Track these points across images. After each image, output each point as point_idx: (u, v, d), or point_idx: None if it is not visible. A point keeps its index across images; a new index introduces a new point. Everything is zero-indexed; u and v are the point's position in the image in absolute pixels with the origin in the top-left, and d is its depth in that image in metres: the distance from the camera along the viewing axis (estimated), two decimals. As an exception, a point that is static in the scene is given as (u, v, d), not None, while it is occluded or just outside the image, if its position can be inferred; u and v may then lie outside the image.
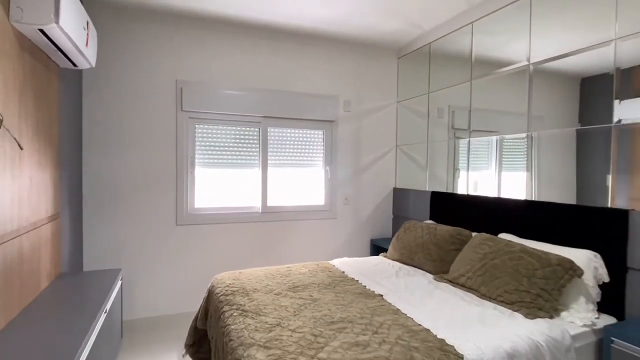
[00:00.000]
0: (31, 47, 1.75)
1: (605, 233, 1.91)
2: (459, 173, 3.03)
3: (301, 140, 3.47)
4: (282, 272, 2.36)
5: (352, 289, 2.10)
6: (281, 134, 3.38)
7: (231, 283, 2.13)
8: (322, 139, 3.54)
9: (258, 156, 3.30)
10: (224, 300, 1.92)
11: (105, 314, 1.88)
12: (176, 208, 3.02)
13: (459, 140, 3.01)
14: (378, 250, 3.62)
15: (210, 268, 3.12)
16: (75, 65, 2.12)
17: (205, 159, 3.13)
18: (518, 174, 2.52)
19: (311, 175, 3.53)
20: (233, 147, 3.22)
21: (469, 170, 2.92)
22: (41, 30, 1.59)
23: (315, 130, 3.51)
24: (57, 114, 2.17)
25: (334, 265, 2.59)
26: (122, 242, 2.87)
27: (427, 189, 3.35)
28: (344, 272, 2.42)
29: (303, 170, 3.49)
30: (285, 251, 3.40)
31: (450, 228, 2.58)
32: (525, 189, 2.46)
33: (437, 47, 3.22)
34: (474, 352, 1.42)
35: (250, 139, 3.27)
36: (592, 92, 2.06)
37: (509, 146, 2.61)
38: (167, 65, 2.96)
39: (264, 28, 3.21)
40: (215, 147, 3.16)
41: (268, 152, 3.32)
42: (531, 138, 2.40)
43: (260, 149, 3.30)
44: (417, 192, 3.45)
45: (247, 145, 3.27)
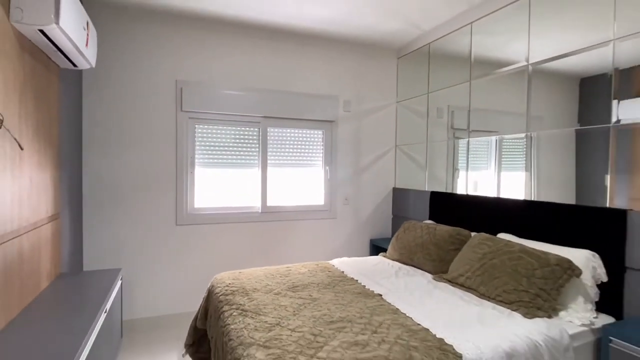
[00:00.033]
0: (31, 48, 1.75)
1: (603, 233, 1.91)
2: (458, 173, 3.03)
3: (301, 140, 3.47)
4: (282, 272, 2.36)
5: (352, 288, 2.10)
6: (281, 134, 3.39)
7: (231, 283, 2.13)
8: (321, 139, 3.55)
9: (258, 156, 3.30)
10: (223, 300, 1.93)
11: (105, 313, 1.89)
12: (176, 208, 3.02)
13: (458, 140, 3.02)
14: (378, 250, 3.63)
15: (210, 268, 3.13)
16: (75, 66, 2.12)
17: (205, 159, 3.13)
18: (517, 174, 2.53)
19: (311, 175, 3.54)
20: (233, 147, 3.22)
21: (468, 170, 2.93)
22: (41, 31, 1.60)
23: (315, 130, 3.52)
24: (57, 114, 2.17)
25: (333, 265, 2.59)
26: (122, 242, 2.88)
27: (427, 189, 3.36)
28: (343, 272, 2.43)
29: (303, 170, 3.50)
30: (285, 251, 3.40)
31: (449, 228, 2.59)
32: (524, 189, 2.46)
33: (437, 47, 3.22)
34: (473, 351, 1.42)
35: (250, 139, 3.28)
36: (592, 92, 2.06)
37: (508, 146, 2.62)
38: (167, 66, 2.97)
39: (263, 28, 3.22)
40: (215, 147, 3.16)
41: (268, 152, 3.33)
42: (530, 138, 2.41)
43: (260, 149, 3.30)
44: (416, 192, 3.45)
45: (246, 146, 3.27)
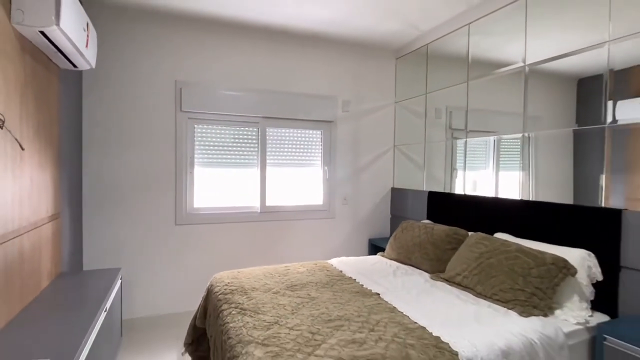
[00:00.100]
0: (32, 49, 1.77)
1: (599, 232, 1.93)
2: (456, 173, 3.05)
3: (300, 141, 3.49)
4: (281, 271, 2.38)
5: (350, 287, 2.12)
6: (280, 134, 3.40)
7: (230, 282, 2.15)
8: (320, 139, 3.56)
9: (257, 156, 3.32)
10: (222, 299, 1.94)
11: (105, 312, 1.90)
12: (175, 208, 3.04)
13: (456, 140, 3.03)
14: (376, 249, 3.64)
15: (209, 267, 3.14)
16: (75, 67, 2.14)
17: (205, 159, 3.15)
18: (516, 174, 2.55)
19: (310, 175, 3.55)
20: (232, 148, 3.24)
21: (465, 170, 2.95)
22: (42, 32, 1.62)
23: (314, 131, 3.53)
24: (58, 114, 2.19)
25: (332, 265, 2.61)
26: (121, 241, 2.89)
27: (425, 189, 3.38)
28: (341, 271, 2.45)
29: (301, 170, 3.51)
30: (284, 251, 3.42)
31: (446, 228, 2.61)
32: (520, 189, 2.48)
33: (435, 48, 3.24)
34: (469, 349, 1.44)
35: (249, 140, 3.29)
36: (589, 93, 2.07)
37: (506, 146, 2.63)
38: (167, 66, 2.98)
39: (262, 29, 3.23)
40: (214, 147, 3.18)
41: (267, 152, 3.34)
42: (527, 138, 2.43)
43: (259, 150, 3.32)
44: (414, 192, 3.47)
45: (245, 146, 3.28)
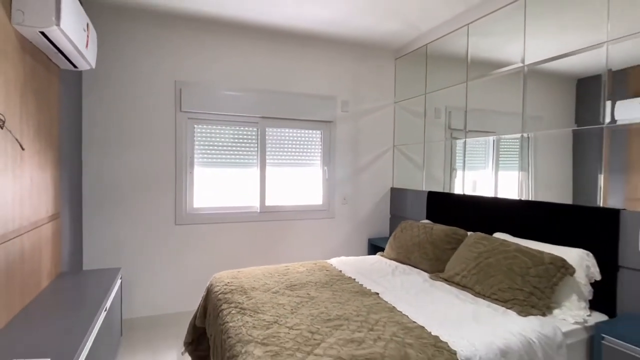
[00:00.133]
0: (32, 49, 1.77)
1: (597, 232, 1.94)
2: (455, 173, 3.06)
3: (299, 141, 3.50)
4: (280, 271, 2.38)
5: (349, 287, 2.13)
6: (279, 134, 3.41)
7: (230, 282, 2.16)
8: (320, 139, 3.57)
9: (256, 156, 3.32)
10: (222, 299, 1.95)
11: (105, 312, 1.91)
12: (175, 208, 3.04)
13: (455, 140, 3.04)
14: (375, 249, 3.65)
15: (209, 267, 3.15)
16: (75, 67, 2.14)
17: (204, 159, 3.15)
18: (515, 174, 2.55)
19: (309, 175, 3.56)
20: (231, 148, 3.24)
21: (464, 170, 2.96)
22: (42, 33, 1.62)
23: (313, 131, 3.54)
24: (58, 114, 2.19)
25: (331, 264, 2.62)
26: (121, 241, 2.89)
27: (424, 188, 3.38)
28: (341, 271, 2.45)
29: (301, 170, 3.52)
30: (284, 250, 3.42)
31: (446, 227, 2.62)
32: (519, 189, 2.49)
33: (434, 48, 3.25)
34: (467, 348, 1.45)
35: (248, 140, 3.30)
36: (588, 93, 2.07)
37: (506, 146, 2.64)
38: (166, 66, 2.99)
39: (262, 29, 3.24)
40: (214, 147, 3.18)
41: (266, 152, 3.35)
42: (527, 139, 2.43)
43: (259, 150, 3.32)
44: (414, 192, 3.48)
45: (245, 146, 3.29)
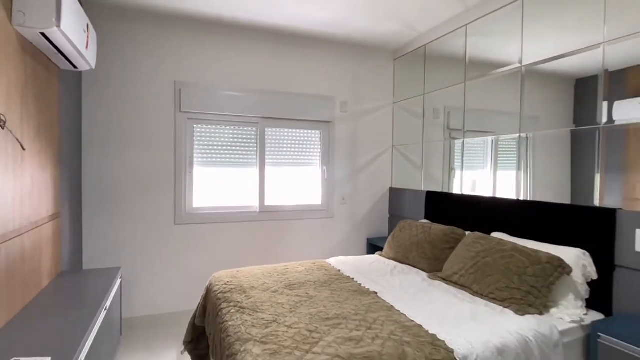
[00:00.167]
0: (33, 50, 1.78)
1: (593, 232, 1.95)
2: (454, 173, 3.07)
3: (298, 141, 3.51)
4: (279, 271, 2.40)
5: (348, 286, 2.14)
6: (279, 134, 3.42)
7: (229, 281, 2.17)
8: (319, 139, 3.58)
9: (256, 157, 3.33)
10: (221, 298, 1.96)
11: (105, 311, 1.92)
12: (175, 208, 3.06)
13: (454, 140, 3.05)
14: (374, 249, 3.66)
15: (209, 267, 3.16)
16: (75, 67, 2.15)
17: (204, 159, 3.16)
18: (514, 174, 2.56)
19: (308, 175, 3.57)
20: (231, 148, 3.25)
21: (463, 170, 2.97)
22: (43, 34, 1.63)
23: (313, 131, 3.55)
24: (58, 115, 2.20)
25: (330, 264, 2.63)
26: (121, 241, 2.91)
27: (423, 188, 3.40)
28: (340, 271, 2.46)
29: (300, 171, 3.53)
30: (283, 250, 3.44)
31: (444, 227, 2.63)
32: (516, 189, 2.51)
33: (433, 48, 3.26)
34: (465, 346, 1.46)
35: (248, 140, 3.31)
36: (586, 93, 2.08)
37: (505, 146, 2.65)
38: (166, 67, 3.00)
39: (261, 30, 3.25)
40: (214, 147, 3.19)
41: (266, 152, 3.36)
42: (525, 139, 2.44)
43: (258, 150, 3.33)
44: (412, 192, 3.49)
45: (244, 146, 3.30)
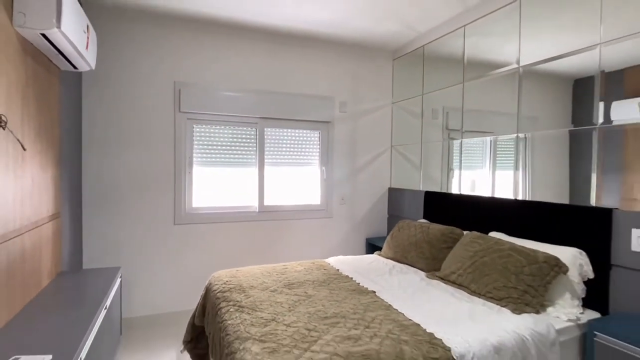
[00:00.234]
0: (33, 51, 1.80)
1: (590, 231, 1.97)
2: (453, 173, 3.09)
3: (297, 141, 3.52)
4: (278, 270, 2.41)
5: (346, 286, 2.15)
6: (278, 134, 3.43)
7: (228, 280, 2.18)
8: (318, 139, 3.60)
9: (255, 157, 3.35)
10: (221, 297, 1.97)
11: (105, 310, 1.93)
12: (174, 207, 3.07)
13: (453, 140, 3.07)
14: (373, 248, 3.67)
15: (208, 267, 3.17)
16: (75, 68, 2.16)
17: (203, 159, 3.18)
18: (511, 174, 2.58)
19: (307, 175, 3.58)
20: (230, 148, 3.26)
21: (461, 170, 2.98)
22: (43, 35, 1.64)
23: (312, 131, 3.56)
24: (58, 115, 2.22)
25: (329, 263, 2.64)
26: (121, 241, 2.92)
27: (421, 188, 3.41)
28: (338, 270, 2.48)
29: (299, 171, 3.54)
30: (282, 250, 3.45)
31: (442, 227, 2.64)
32: (513, 189, 2.52)
33: (431, 49, 3.28)
34: (462, 345, 1.47)
35: (247, 140, 3.32)
36: (585, 93, 2.09)
37: (503, 147, 2.66)
38: (166, 67, 3.01)
39: (261, 30, 3.26)
40: (213, 147, 3.20)
41: (265, 152, 3.37)
42: (523, 139, 2.45)
43: (257, 150, 3.34)
44: (411, 192, 3.50)
45: (244, 146, 3.31)
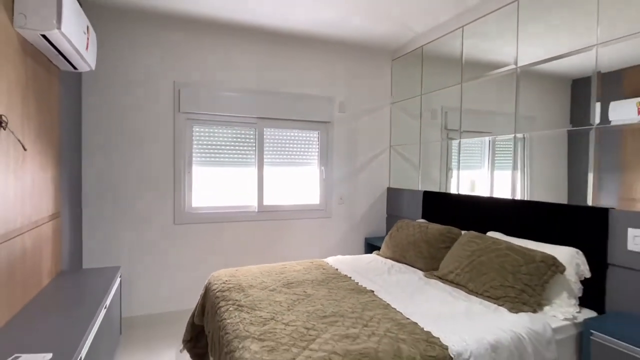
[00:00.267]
0: (33, 52, 1.81)
1: (587, 231, 1.98)
2: (451, 173, 3.10)
3: (297, 141, 3.53)
4: (277, 270, 2.42)
5: (345, 285, 2.17)
6: (277, 134, 3.44)
7: (227, 280, 2.19)
8: (317, 139, 3.61)
9: (254, 157, 3.36)
10: (220, 296, 1.99)
11: (105, 309, 1.94)
12: (174, 207, 3.08)
13: (451, 141, 3.08)
14: (372, 248, 3.69)
15: (207, 266, 3.18)
16: (75, 68, 2.17)
17: (203, 159, 3.19)
18: (509, 174, 2.59)
19: (306, 175, 3.60)
20: (230, 148, 3.28)
21: (459, 170, 3.00)
22: (44, 36, 1.65)
23: (311, 131, 3.58)
24: (58, 115, 2.23)
25: (328, 263, 2.65)
26: (120, 240, 2.93)
27: (420, 188, 3.42)
28: (337, 270, 2.49)
29: (298, 171, 3.56)
30: (281, 250, 3.46)
31: (440, 226, 2.66)
32: (511, 189, 2.53)
33: (430, 49, 3.29)
34: (459, 343, 1.49)
35: (246, 140, 3.33)
36: (583, 94, 2.09)
37: (502, 147, 2.67)
38: (165, 67, 3.02)
39: (260, 30, 3.27)
40: (213, 148, 3.22)
41: (264, 152, 3.38)
42: (520, 139, 2.47)
43: (257, 150, 3.35)
44: (410, 192, 3.52)
45: (243, 146, 3.32)
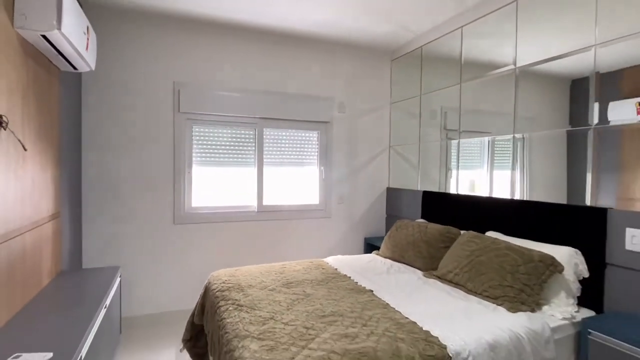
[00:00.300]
0: (33, 52, 1.81)
1: (585, 231, 1.99)
2: (451, 173, 3.11)
3: (296, 141, 3.54)
4: (277, 269, 2.43)
5: (344, 285, 2.17)
6: (277, 135, 3.45)
7: (227, 279, 2.20)
8: (317, 139, 3.61)
9: (254, 157, 3.36)
10: (220, 296, 1.99)
11: (105, 309, 1.94)
12: (174, 207, 3.08)
13: (450, 141, 3.09)
14: (372, 248, 3.69)
15: (207, 266, 3.18)
16: (75, 69, 2.18)
17: (202, 159, 3.19)
18: (508, 174, 2.60)
19: (306, 175, 3.60)
20: (229, 148, 3.28)
21: (459, 170, 3.00)
22: (44, 36, 1.66)
23: (310, 131, 3.58)
24: (58, 115, 2.23)
25: (327, 263, 2.66)
26: (120, 240, 2.93)
27: (420, 188, 3.43)
28: (336, 269, 2.50)
29: (298, 171, 3.56)
30: (281, 250, 3.47)
31: (440, 226, 2.66)
32: (510, 189, 2.54)
33: (429, 50, 3.30)
34: (457, 342, 1.49)
35: (246, 140, 3.34)
36: (582, 94, 2.10)
37: (501, 147, 2.67)
38: (165, 67, 3.02)
39: (260, 31, 3.28)
40: (212, 148, 3.22)
41: (264, 152, 3.39)
42: (520, 139, 2.47)
43: (256, 150, 3.36)
44: (409, 192, 3.52)
45: (243, 147, 3.33)
